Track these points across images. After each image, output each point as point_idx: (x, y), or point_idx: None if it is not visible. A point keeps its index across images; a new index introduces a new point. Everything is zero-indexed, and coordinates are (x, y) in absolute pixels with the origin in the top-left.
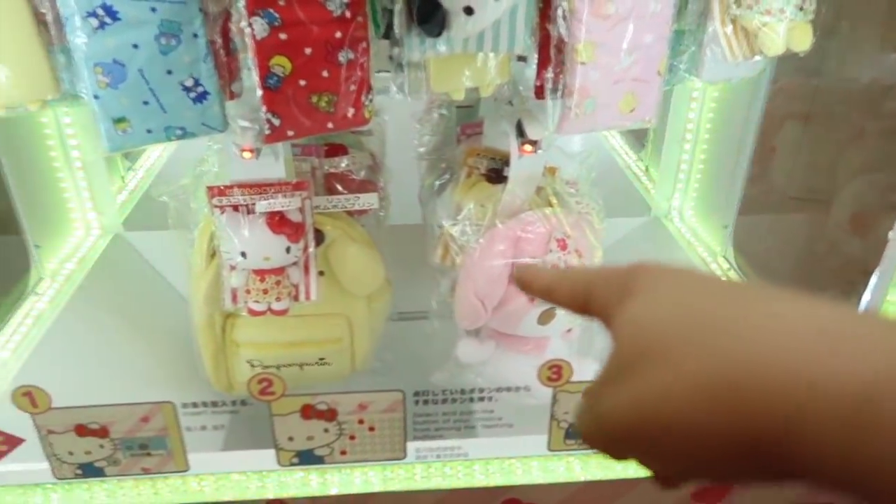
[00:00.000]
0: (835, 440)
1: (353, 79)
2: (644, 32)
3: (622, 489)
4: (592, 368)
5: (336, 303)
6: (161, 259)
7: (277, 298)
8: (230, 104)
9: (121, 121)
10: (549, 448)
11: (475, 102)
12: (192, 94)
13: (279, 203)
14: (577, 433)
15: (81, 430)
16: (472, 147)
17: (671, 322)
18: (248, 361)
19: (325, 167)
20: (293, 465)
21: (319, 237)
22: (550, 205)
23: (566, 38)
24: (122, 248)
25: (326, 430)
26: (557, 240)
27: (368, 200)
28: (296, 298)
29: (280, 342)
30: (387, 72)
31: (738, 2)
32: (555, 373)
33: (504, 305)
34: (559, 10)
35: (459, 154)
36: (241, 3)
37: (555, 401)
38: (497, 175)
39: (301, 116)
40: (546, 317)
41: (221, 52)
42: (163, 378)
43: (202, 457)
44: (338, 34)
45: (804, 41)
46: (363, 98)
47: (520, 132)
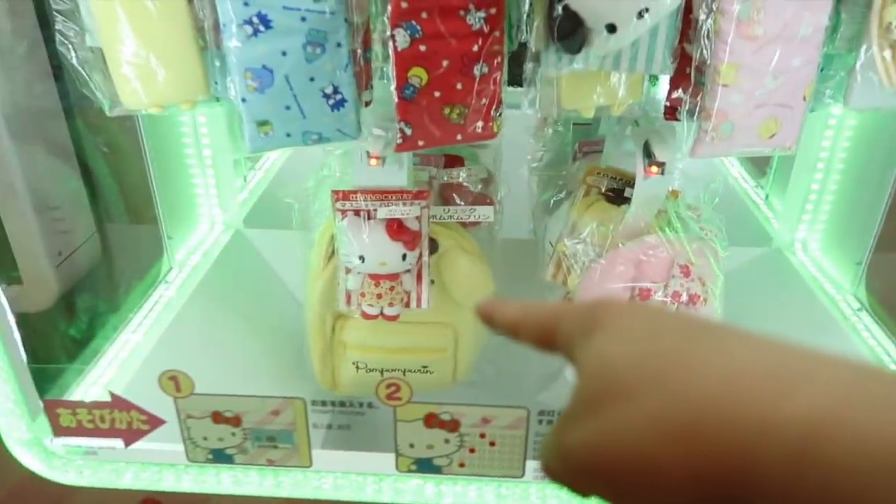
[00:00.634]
0: (783, 483)
1: (486, 92)
2: (792, 56)
3: None
4: None
5: (443, 312)
6: (276, 256)
7: (390, 304)
8: (363, 111)
9: (264, 124)
10: None
11: (594, 119)
12: (331, 101)
13: (399, 211)
14: (541, 466)
15: (217, 418)
16: (593, 165)
17: (634, 358)
18: (354, 363)
19: (443, 177)
20: (411, 472)
21: (433, 246)
22: (673, 228)
23: (708, 59)
24: (242, 244)
25: (447, 441)
26: (680, 266)
27: (484, 213)
28: (407, 305)
29: (386, 347)
30: (514, 86)
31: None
32: None
33: None
34: (703, 30)
35: (578, 171)
36: (386, 15)
37: None
38: (617, 195)
39: (432, 127)
40: None
41: (360, 61)
42: (272, 371)
43: (324, 454)
44: (475, 47)
45: None
46: (493, 112)
47: (646, 153)
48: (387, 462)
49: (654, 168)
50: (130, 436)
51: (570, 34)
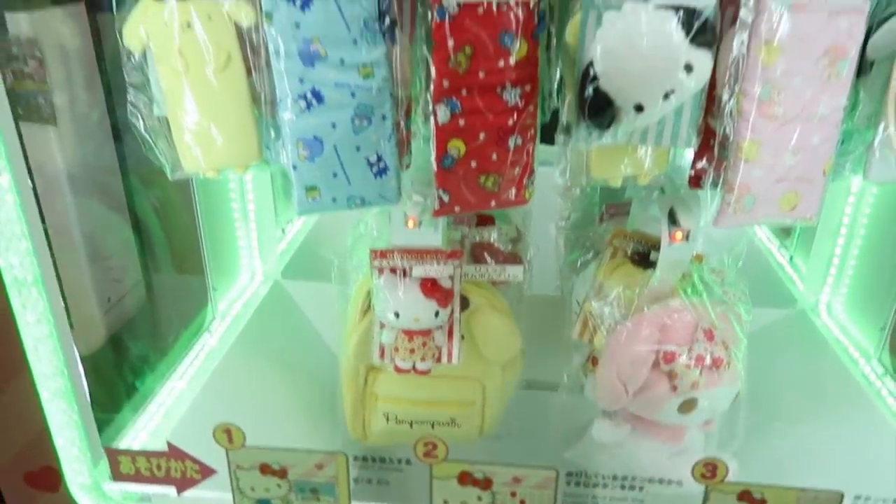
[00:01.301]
0: None
1: (519, 162)
2: (811, 134)
3: None
4: (733, 465)
5: (472, 367)
6: (312, 307)
7: (422, 359)
8: (403, 176)
9: (312, 189)
10: None
11: None
12: (375, 169)
13: (433, 270)
14: None
15: (265, 469)
16: (620, 229)
17: None
18: (384, 414)
19: (475, 237)
20: None
21: (464, 303)
22: (696, 292)
23: (731, 136)
24: (280, 295)
25: (479, 498)
26: (704, 330)
27: (514, 272)
28: (438, 360)
29: (416, 399)
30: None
31: None
32: (709, 470)
33: (645, 390)
34: (726, 109)
35: (604, 233)
36: (429, 92)
37: (707, 498)
38: (642, 258)
39: (468, 194)
40: (687, 406)
41: (402, 130)
42: (305, 420)
43: None
44: (510, 121)
45: None
46: (526, 180)
47: (671, 220)
48: None
49: (679, 234)
50: (183, 484)
51: (601, 112)
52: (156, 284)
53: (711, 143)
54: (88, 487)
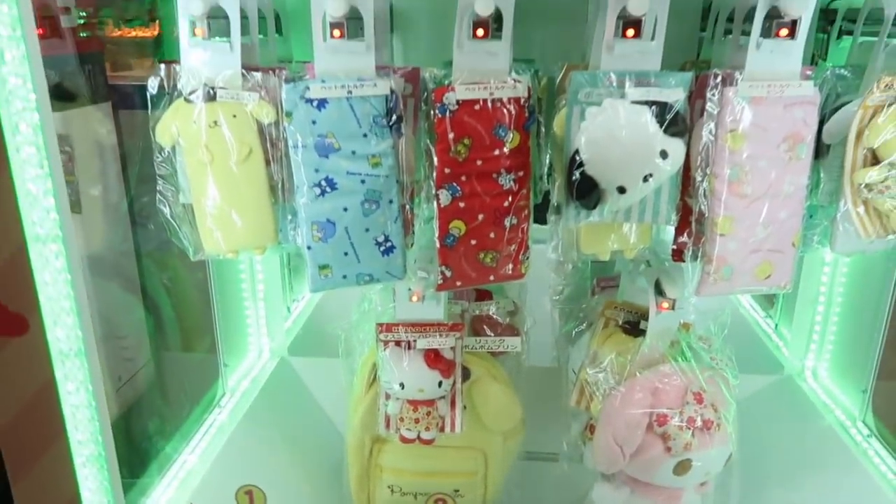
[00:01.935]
0: None
1: (515, 240)
2: (779, 209)
3: None
4: None
5: (474, 437)
6: (317, 384)
7: (427, 428)
8: (407, 255)
9: (325, 267)
10: None
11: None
12: (382, 248)
13: (437, 342)
14: None
15: None
16: (610, 300)
17: None
18: (389, 486)
19: (474, 310)
20: None
21: (465, 374)
22: (685, 358)
23: (706, 213)
24: (287, 372)
25: None
26: (694, 393)
27: (513, 343)
28: (442, 429)
29: (421, 470)
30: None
31: (870, 187)
32: None
33: (641, 453)
34: (700, 189)
35: (596, 305)
36: (432, 178)
37: None
38: (633, 327)
39: (469, 270)
40: (682, 468)
41: (407, 212)
42: (312, 495)
43: None
44: (505, 203)
45: None
46: (521, 256)
47: (658, 290)
48: None
49: (666, 304)
50: None
51: (587, 194)
52: (166, 362)
53: (690, 220)
54: None
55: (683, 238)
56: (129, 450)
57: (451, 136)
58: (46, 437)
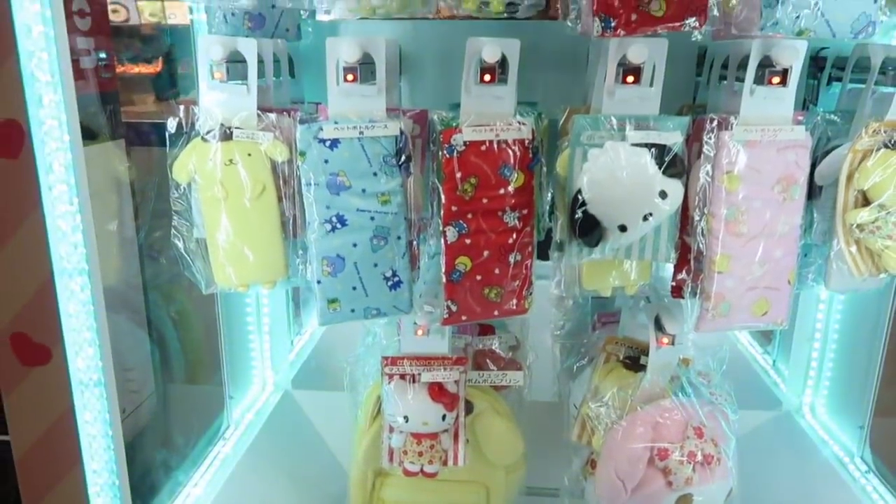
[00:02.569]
0: None
1: (519, 276)
2: (774, 248)
3: None
4: None
5: (477, 471)
6: (320, 417)
7: (430, 461)
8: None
9: (333, 301)
10: None
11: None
12: (390, 283)
13: (441, 375)
14: None
15: None
16: (611, 335)
17: None
18: None
19: (477, 345)
20: None
21: (469, 407)
22: (685, 393)
23: (704, 251)
24: (290, 405)
25: None
26: (694, 428)
27: (515, 378)
28: (445, 463)
29: None
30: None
31: (861, 227)
32: None
33: (643, 487)
34: (698, 228)
35: (598, 340)
36: (440, 216)
37: None
38: (634, 362)
39: (474, 305)
40: (683, 502)
41: (414, 249)
42: None
43: None
44: (510, 240)
45: None
46: (525, 291)
47: (658, 326)
48: None
49: (665, 339)
50: None
51: (589, 232)
52: (171, 394)
53: (689, 258)
54: None
55: (682, 275)
56: (133, 481)
57: (459, 176)
58: (63, 466)
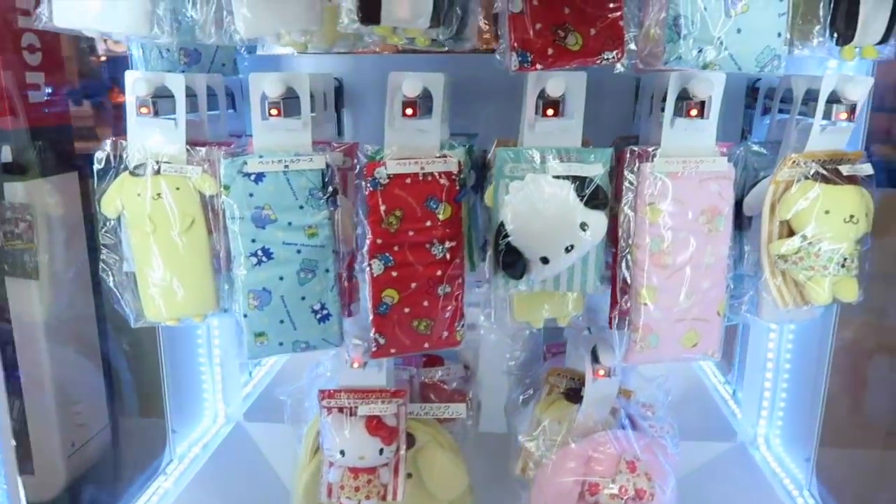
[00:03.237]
0: None
1: (449, 308)
2: (701, 280)
3: None
4: None
5: None
6: (272, 449)
7: (367, 496)
8: (348, 322)
9: (260, 335)
10: None
11: None
12: (318, 316)
13: (378, 408)
14: None
15: None
16: (554, 367)
17: None
18: None
19: (422, 377)
20: None
21: (410, 441)
22: (622, 426)
23: (630, 283)
24: (241, 437)
25: None
26: (627, 462)
27: (457, 410)
28: (384, 498)
29: None
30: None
31: (784, 258)
32: None
33: None
34: (623, 261)
35: (542, 371)
36: (365, 249)
37: None
38: (575, 394)
39: (403, 337)
40: None
41: (344, 281)
42: None
43: None
44: (438, 272)
45: (850, 293)
46: (456, 324)
47: (594, 357)
48: None
49: (602, 371)
50: None
51: (512, 265)
52: (122, 428)
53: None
54: None
55: (617, 307)
56: None
57: (383, 209)
58: None
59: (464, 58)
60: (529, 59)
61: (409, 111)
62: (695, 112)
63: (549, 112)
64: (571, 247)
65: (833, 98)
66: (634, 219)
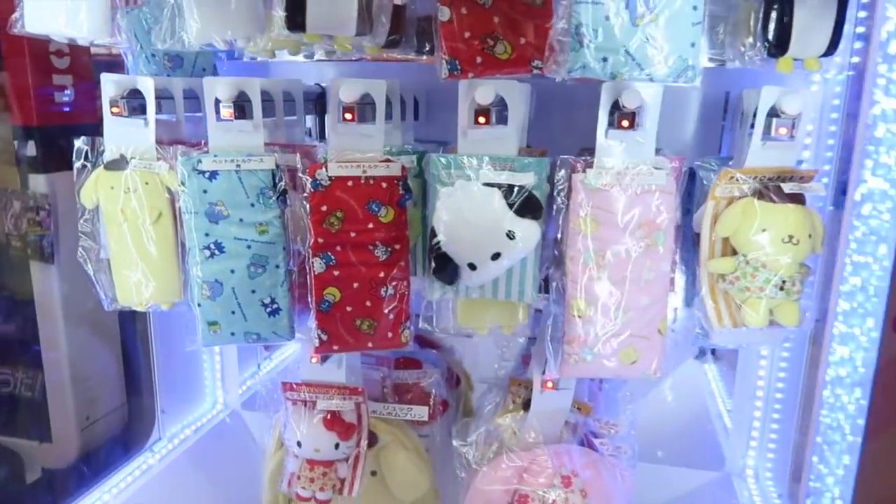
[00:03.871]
0: None
1: (393, 309)
2: (639, 296)
3: None
4: None
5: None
6: (265, 438)
7: (321, 488)
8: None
9: (213, 324)
10: None
11: None
12: (269, 309)
13: (335, 404)
14: None
15: None
16: (514, 377)
17: None
18: None
19: (395, 378)
20: None
21: (374, 439)
22: (582, 444)
23: (564, 294)
24: (235, 424)
25: None
26: (563, 476)
27: (419, 413)
28: (340, 492)
29: None
30: None
31: (723, 277)
32: None
33: None
34: (560, 270)
35: (506, 381)
36: (308, 246)
37: None
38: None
39: (346, 335)
40: None
41: (297, 278)
42: None
43: None
44: (381, 274)
45: (792, 318)
46: (401, 325)
47: (545, 369)
48: None
49: (550, 383)
50: None
51: (442, 270)
52: (133, 408)
53: None
54: None
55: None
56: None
57: (324, 209)
58: None
59: None
60: (459, 67)
61: (349, 116)
62: (626, 123)
63: (481, 120)
64: (498, 254)
65: (773, 112)
66: (567, 230)
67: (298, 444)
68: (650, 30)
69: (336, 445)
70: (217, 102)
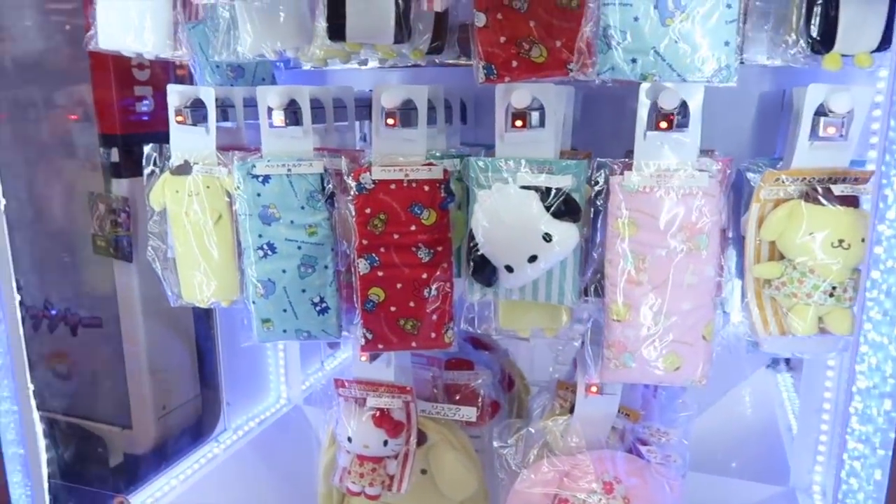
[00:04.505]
0: None
1: (436, 310)
2: (681, 300)
3: None
4: None
5: (430, 502)
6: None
7: (370, 484)
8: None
9: (267, 321)
10: None
11: None
12: (318, 308)
13: (384, 402)
14: None
15: None
16: (563, 381)
17: None
18: None
19: (447, 378)
20: None
21: (423, 438)
22: (630, 451)
23: (603, 297)
24: (296, 418)
25: None
26: (605, 482)
27: (467, 413)
28: (389, 488)
29: None
30: None
31: (769, 282)
32: None
33: None
34: (598, 275)
35: (554, 384)
36: (353, 247)
37: None
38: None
39: (390, 335)
40: None
41: (344, 279)
42: None
43: None
44: (424, 275)
45: (843, 326)
46: (444, 326)
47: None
48: None
49: (594, 388)
50: None
51: (481, 272)
52: (206, 400)
53: None
54: None
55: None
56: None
57: (368, 211)
58: None
59: None
60: (495, 72)
61: (391, 121)
62: (664, 125)
63: (518, 123)
64: (535, 257)
65: (822, 111)
66: (607, 233)
67: (349, 440)
68: (681, 29)
69: (385, 442)
70: (270, 110)
